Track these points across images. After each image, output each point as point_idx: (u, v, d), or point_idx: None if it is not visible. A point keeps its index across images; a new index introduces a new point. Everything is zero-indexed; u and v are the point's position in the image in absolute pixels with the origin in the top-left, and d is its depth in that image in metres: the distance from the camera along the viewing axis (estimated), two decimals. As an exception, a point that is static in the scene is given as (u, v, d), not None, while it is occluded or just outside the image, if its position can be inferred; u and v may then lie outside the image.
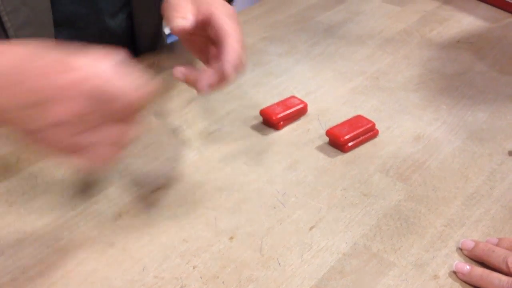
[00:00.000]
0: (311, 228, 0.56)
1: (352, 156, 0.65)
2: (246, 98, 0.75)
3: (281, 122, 0.70)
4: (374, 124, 0.68)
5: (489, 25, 0.93)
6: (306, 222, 0.57)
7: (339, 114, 0.72)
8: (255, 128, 0.70)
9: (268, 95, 0.75)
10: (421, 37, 0.90)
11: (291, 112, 0.70)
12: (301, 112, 0.72)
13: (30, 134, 0.44)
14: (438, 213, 0.58)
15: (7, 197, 0.60)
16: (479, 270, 0.51)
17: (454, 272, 0.51)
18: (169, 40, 0.93)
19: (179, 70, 0.55)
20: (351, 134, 0.66)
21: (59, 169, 0.63)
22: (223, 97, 0.75)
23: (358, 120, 0.68)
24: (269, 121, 0.70)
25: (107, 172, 0.63)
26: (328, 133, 0.67)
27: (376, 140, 0.68)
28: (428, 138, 0.68)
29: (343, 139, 0.66)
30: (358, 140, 0.67)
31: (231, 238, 0.55)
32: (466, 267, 0.51)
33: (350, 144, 0.66)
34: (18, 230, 0.56)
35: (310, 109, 0.72)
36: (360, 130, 0.67)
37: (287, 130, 0.70)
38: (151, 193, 0.61)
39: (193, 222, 0.57)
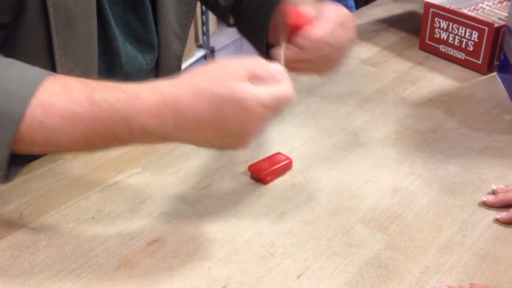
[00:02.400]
0: (298, 277, 0.61)
1: (335, 209, 0.70)
2: (235, 154, 0.80)
3: (268, 177, 0.75)
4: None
5: (459, 84, 1.01)
6: (293, 271, 0.61)
7: (322, 169, 0.77)
8: (244, 182, 0.75)
9: (255, 152, 0.80)
10: (396, 96, 0.97)
11: (277, 168, 0.76)
12: (287, 167, 0.77)
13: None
14: (415, 261, 0.63)
15: (11, 251, 0.63)
16: None
17: (431, 316, 0.56)
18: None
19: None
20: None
21: (60, 224, 0.67)
22: (214, 154, 0.80)
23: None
24: (257, 176, 0.75)
25: (105, 228, 0.67)
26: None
27: (356, 192, 0.73)
28: (404, 191, 0.74)
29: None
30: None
31: (224, 287, 0.59)
32: None
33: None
34: (22, 282, 0.59)
35: (295, 164, 0.78)
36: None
37: (274, 185, 0.75)
38: (147, 246, 0.64)
39: (187, 272, 0.61)
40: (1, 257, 0.62)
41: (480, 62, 1.03)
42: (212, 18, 2.67)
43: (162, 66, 0.87)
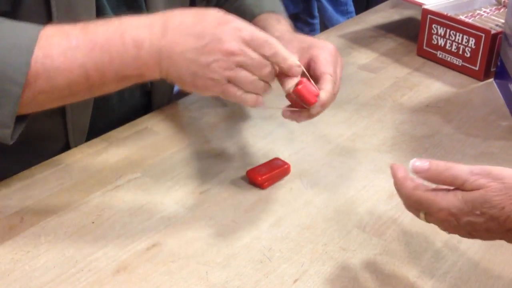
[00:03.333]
0: (295, 281, 0.62)
1: (332, 214, 0.71)
2: (234, 159, 0.81)
3: (266, 182, 0.76)
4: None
5: (455, 90, 1.02)
6: (290, 275, 0.62)
7: (320, 175, 0.78)
8: (242, 187, 0.76)
9: (254, 157, 0.81)
10: (394, 102, 0.98)
11: (275, 173, 0.77)
12: (285, 172, 0.78)
13: (193, 74, 0.61)
14: (410, 266, 0.63)
15: (12, 255, 0.64)
16: None
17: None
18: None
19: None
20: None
21: (61, 228, 0.68)
22: (213, 159, 0.81)
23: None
24: (255, 181, 0.76)
25: (105, 230, 0.68)
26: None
27: (353, 197, 0.74)
28: (401, 196, 0.74)
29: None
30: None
31: (222, 291, 0.60)
32: None
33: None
34: (23, 286, 0.60)
35: (293, 169, 0.79)
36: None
37: (272, 190, 0.76)
38: (147, 250, 0.65)
39: (186, 277, 0.62)
40: (2, 261, 0.63)
41: (477, 69, 1.04)
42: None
43: None
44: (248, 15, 0.84)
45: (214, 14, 0.62)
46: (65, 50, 0.60)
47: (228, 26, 0.61)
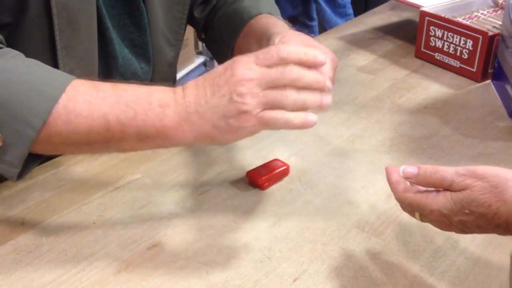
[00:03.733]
0: (295, 280, 0.62)
1: (331, 214, 0.72)
2: (234, 160, 0.82)
3: (266, 183, 0.76)
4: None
5: (453, 91, 1.02)
6: (290, 274, 0.63)
7: (319, 175, 0.79)
8: (242, 188, 0.76)
9: (253, 158, 0.82)
10: (392, 103, 0.98)
11: (274, 174, 0.77)
12: (284, 173, 0.78)
13: (224, 117, 0.59)
14: (409, 265, 0.64)
15: (14, 255, 0.65)
16: None
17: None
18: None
19: None
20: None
21: (62, 229, 0.69)
22: (212, 160, 0.81)
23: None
24: (254, 182, 0.76)
25: (105, 232, 0.68)
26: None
27: (352, 198, 0.75)
28: (399, 196, 0.75)
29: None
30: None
31: (222, 290, 0.61)
32: None
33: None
34: (25, 286, 0.61)
35: (292, 170, 0.79)
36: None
37: (271, 190, 0.76)
38: (148, 250, 0.66)
39: (186, 276, 0.63)
40: (4, 261, 0.64)
41: (474, 70, 1.05)
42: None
43: (156, 72, 0.89)
44: (245, 16, 0.85)
45: (218, 68, 0.61)
46: (90, 98, 0.60)
47: (234, 64, 0.59)
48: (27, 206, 0.72)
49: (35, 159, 0.62)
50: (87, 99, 0.59)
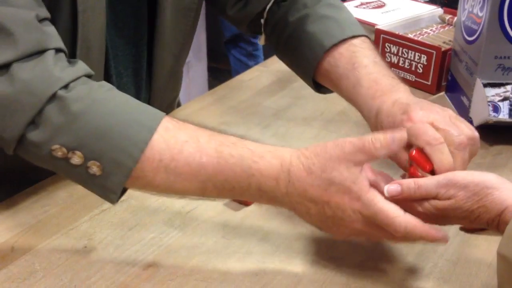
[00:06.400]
0: (292, 291, 0.65)
1: (316, 225, 0.75)
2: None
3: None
4: None
5: (412, 104, 1.08)
6: (285, 286, 0.65)
7: (299, 189, 0.82)
8: (227, 205, 0.78)
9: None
10: (357, 117, 1.01)
11: (258, 189, 0.79)
12: (266, 188, 0.81)
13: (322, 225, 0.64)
14: (396, 269, 0.68)
15: (9, 283, 0.64)
16: None
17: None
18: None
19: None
20: None
21: (53, 254, 0.68)
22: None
23: None
24: (239, 199, 0.78)
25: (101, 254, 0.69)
26: None
27: (334, 209, 0.78)
28: (377, 205, 0.79)
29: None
30: None
31: (224, 305, 0.62)
32: None
33: None
34: (25, 314, 0.60)
35: (273, 185, 0.82)
36: None
37: (256, 205, 0.78)
38: (144, 271, 0.67)
39: (186, 293, 0.64)
40: (-1, 291, 0.63)
41: (429, 83, 1.12)
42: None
43: (155, 81, 0.88)
44: (323, 45, 0.80)
45: (339, 182, 0.60)
46: (193, 163, 0.60)
47: (350, 200, 0.60)
48: (15, 233, 0.71)
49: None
50: (189, 162, 0.60)
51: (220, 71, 3.02)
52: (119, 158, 0.59)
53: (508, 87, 0.95)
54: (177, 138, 0.61)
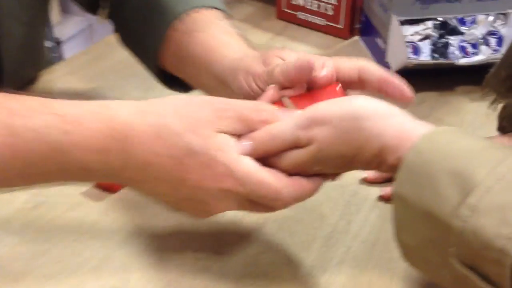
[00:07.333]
0: None
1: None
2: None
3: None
4: None
5: (321, 51, 0.93)
6: None
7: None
8: (86, 194, 0.60)
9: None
10: (258, 71, 0.87)
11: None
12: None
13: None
14: (298, 262, 0.53)
15: None
16: None
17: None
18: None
19: None
20: None
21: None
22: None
23: None
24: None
25: None
26: None
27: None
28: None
29: None
30: None
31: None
32: None
33: None
34: None
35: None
36: None
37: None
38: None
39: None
40: None
41: (341, 27, 0.97)
42: (54, 6, 2.43)
43: (7, 55, 0.68)
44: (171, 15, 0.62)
45: (200, 151, 0.43)
46: None
47: (216, 177, 0.44)
48: None
49: None
50: None
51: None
52: None
53: (429, 23, 0.82)
54: None
